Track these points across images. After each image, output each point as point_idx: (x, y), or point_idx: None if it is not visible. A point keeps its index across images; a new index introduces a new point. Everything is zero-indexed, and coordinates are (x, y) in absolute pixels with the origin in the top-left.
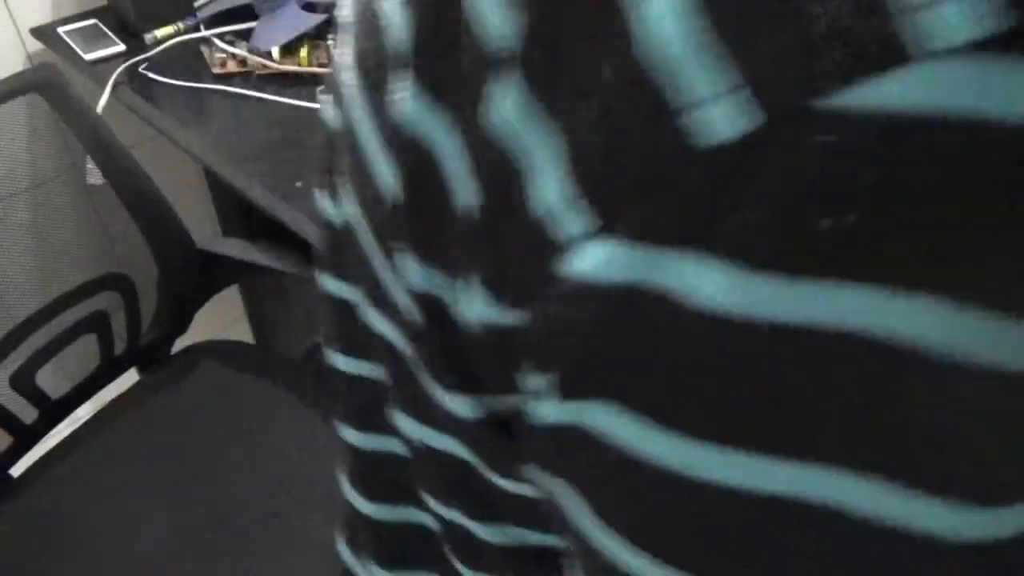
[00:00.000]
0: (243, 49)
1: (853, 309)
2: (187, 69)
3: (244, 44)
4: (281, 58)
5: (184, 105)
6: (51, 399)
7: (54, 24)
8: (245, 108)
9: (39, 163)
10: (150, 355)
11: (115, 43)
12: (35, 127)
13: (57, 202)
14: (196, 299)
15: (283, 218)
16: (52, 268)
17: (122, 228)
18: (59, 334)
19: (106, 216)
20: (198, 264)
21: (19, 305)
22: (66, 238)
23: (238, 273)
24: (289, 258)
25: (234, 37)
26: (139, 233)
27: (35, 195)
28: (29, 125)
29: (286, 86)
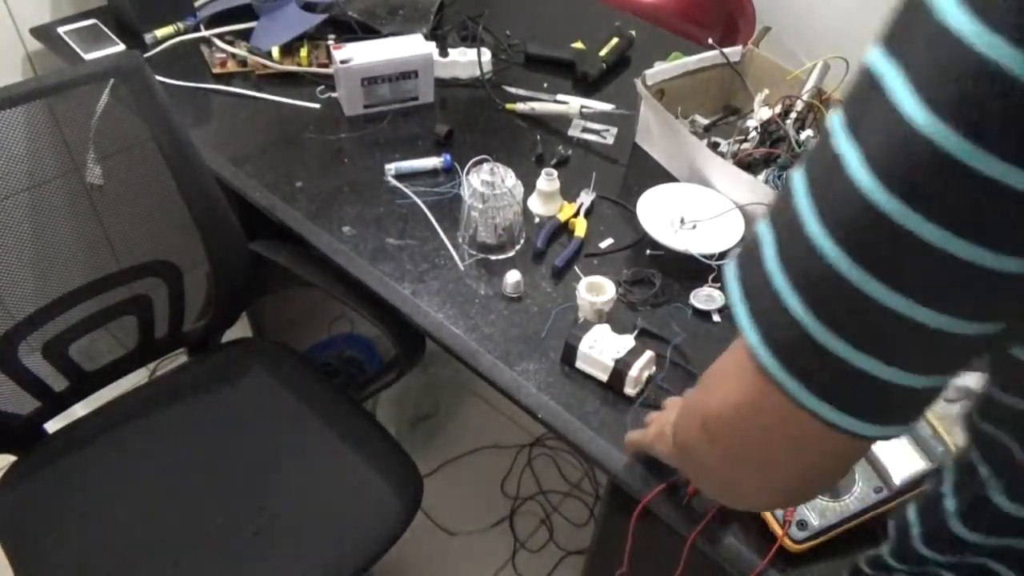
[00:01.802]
0: (243, 49)
1: None
2: (187, 69)
3: (244, 44)
4: (281, 58)
5: (184, 105)
6: (84, 371)
7: (54, 24)
8: (245, 108)
9: (39, 163)
10: (199, 342)
11: (115, 43)
12: (35, 130)
13: (55, 202)
14: (246, 295)
15: (283, 218)
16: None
17: (177, 218)
18: (98, 312)
19: (105, 216)
20: (248, 262)
21: (61, 283)
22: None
23: (291, 278)
24: (324, 275)
25: (234, 37)
26: (192, 224)
27: (35, 194)
28: (28, 129)
29: (286, 86)
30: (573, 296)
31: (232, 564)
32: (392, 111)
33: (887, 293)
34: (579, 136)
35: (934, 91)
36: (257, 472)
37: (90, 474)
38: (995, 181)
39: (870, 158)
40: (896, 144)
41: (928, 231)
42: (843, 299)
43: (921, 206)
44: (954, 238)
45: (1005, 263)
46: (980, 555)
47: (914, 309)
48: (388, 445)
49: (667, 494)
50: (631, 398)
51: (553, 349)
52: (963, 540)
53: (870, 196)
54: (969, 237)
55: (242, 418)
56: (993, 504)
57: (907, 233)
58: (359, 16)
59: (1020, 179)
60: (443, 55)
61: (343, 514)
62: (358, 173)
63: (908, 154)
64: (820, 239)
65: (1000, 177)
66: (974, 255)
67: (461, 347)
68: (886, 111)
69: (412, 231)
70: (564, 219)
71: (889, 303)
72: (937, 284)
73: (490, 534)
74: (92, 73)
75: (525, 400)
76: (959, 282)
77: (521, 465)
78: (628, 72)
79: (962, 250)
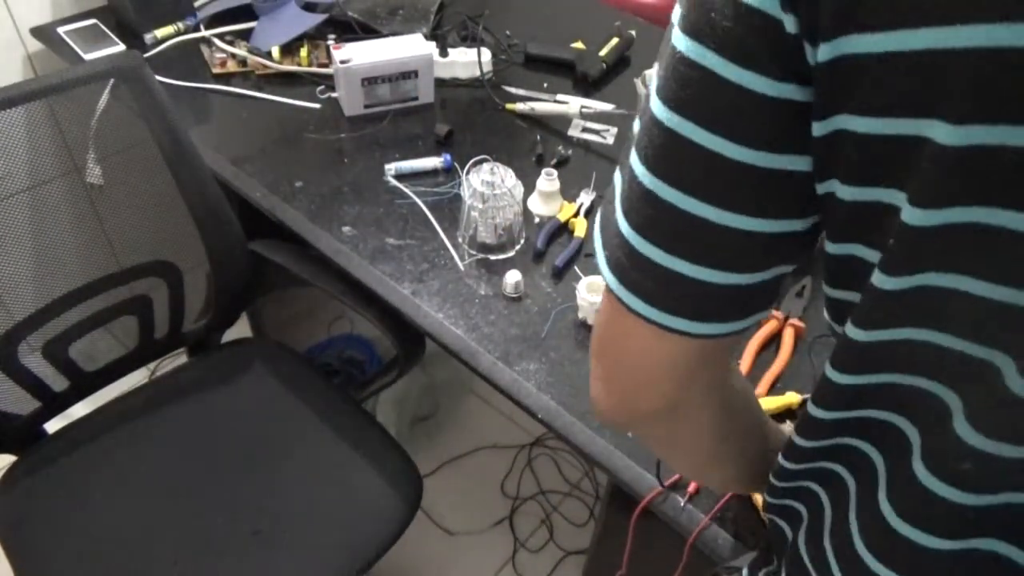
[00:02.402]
0: (243, 49)
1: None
2: (187, 69)
3: (244, 44)
4: (281, 58)
5: (184, 105)
6: (83, 371)
7: (54, 24)
8: (245, 108)
9: (38, 163)
10: (199, 342)
11: (115, 43)
12: (35, 130)
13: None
14: (246, 295)
15: (283, 218)
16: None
17: (177, 218)
18: (98, 312)
19: (105, 216)
20: (248, 262)
21: (61, 283)
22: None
23: (291, 278)
24: (324, 275)
25: (234, 37)
26: (193, 224)
27: (35, 194)
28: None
29: (286, 86)
30: (573, 296)
31: (232, 564)
32: (392, 111)
33: (675, 194)
34: (579, 136)
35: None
36: (257, 472)
37: (90, 474)
38: (744, 88)
39: (659, 88)
40: (671, 72)
41: (711, 140)
42: (648, 208)
43: (694, 116)
44: (716, 137)
45: (767, 160)
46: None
47: (699, 207)
48: (388, 445)
49: (667, 494)
50: None
51: (553, 349)
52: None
53: (658, 115)
54: (725, 135)
55: (242, 418)
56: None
57: (692, 143)
58: (359, 16)
59: (765, 86)
60: (443, 55)
61: (343, 514)
62: (358, 173)
63: (680, 78)
64: (635, 164)
65: (747, 85)
66: (735, 152)
67: (461, 347)
68: (672, 52)
69: (412, 231)
70: (564, 219)
71: (680, 204)
72: (720, 184)
73: (490, 534)
74: (92, 73)
75: (525, 400)
76: (729, 179)
77: (521, 465)
78: (628, 72)
79: (725, 148)
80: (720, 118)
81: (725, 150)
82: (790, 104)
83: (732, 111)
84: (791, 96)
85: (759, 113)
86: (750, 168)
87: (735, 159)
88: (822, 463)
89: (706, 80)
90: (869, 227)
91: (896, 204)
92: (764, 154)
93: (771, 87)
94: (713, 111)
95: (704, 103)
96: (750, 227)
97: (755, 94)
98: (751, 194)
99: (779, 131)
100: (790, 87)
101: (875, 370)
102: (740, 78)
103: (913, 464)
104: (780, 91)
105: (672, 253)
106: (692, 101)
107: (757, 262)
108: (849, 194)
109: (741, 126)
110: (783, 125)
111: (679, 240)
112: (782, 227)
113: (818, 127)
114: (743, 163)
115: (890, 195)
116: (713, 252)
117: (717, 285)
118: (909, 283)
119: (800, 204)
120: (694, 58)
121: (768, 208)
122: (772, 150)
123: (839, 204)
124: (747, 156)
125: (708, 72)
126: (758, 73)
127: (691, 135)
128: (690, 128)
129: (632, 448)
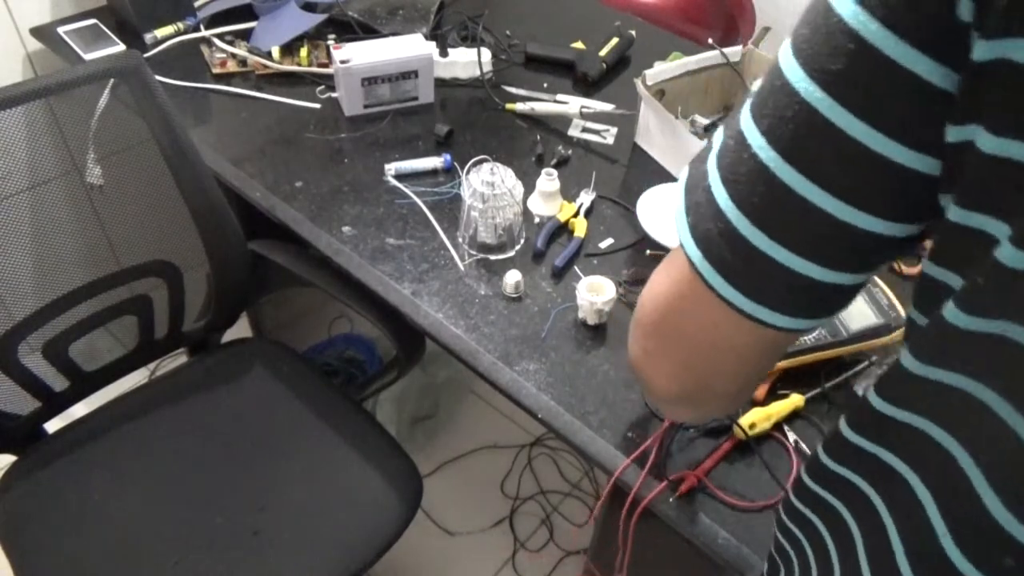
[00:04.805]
0: (243, 49)
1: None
2: (187, 69)
3: (244, 44)
4: (281, 58)
5: (184, 105)
6: (83, 371)
7: (54, 24)
8: (245, 108)
9: (39, 163)
10: (199, 342)
11: (115, 43)
12: (35, 130)
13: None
14: (246, 295)
15: (283, 218)
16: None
17: (177, 218)
18: (98, 312)
19: (105, 216)
20: (248, 262)
21: (61, 283)
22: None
23: (291, 278)
24: (324, 275)
25: (234, 37)
26: (193, 224)
27: (35, 194)
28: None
29: (286, 86)
30: (573, 296)
31: (232, 564)
32: (392, 111)
33: (799, 179)
34: (579, 136)
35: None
36: (257, 472)
37: (90, 474)
38: (915, 74)
39: (800, 49)
40: (821, 37)
41: (853, 126)
42: (760, 185)
43: (840, 95)
44: (863, 125)
45: (909, 157)
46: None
47: (823, 198)
48: (388, 445)
49: (666, 494)
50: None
51: (553, 349)
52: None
53: (794, 82)
54: (874, 123)
55: (242, 418)
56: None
57: (832, 126)
58: (359, 16)
59: (930, 71)
60: (443, 55)
61: (343, 514)
62: (358, 173)
63: (831, 46)
64: (751, 132)
65: (910, 66)
66: (880, 144)
67: (461, 347)
68: (827, 11)
69: (412, 231)
70: (564, 219)
71: (800, 190)
72: (851, 177)
73: (490, 534)
74: (92, 73)
75: (525, 400)
76: (867, 174)
77: (521, 465)
78: (628, 72)
79: (871, 139)
80: (873, 103)
81: (871, 141)
82: (944, 96)
83: (889, 95)
84: (948, 88)
85: (916, 101)
86: (890, 164)
87: (878, 152)
88: (831, 496)
89: (865, 56)
90: (963, 255)
91: (997, 236)
92: (907, 150)
93: (936, 73)
94: (866, 93)
95: (858, 83)
96: (873, 228)
97: (918, 78)
98: (886, 193)
99: (927, 124)
100: (950, 78)
101: (915, 409)
102: (904, 57)
103: (941, 541)
104: (942, 79)
105: (778, 241)
106: (844, 78)
107: (865, 264)
108: (957, 215)
109: (895, 114)
110: (932, 119)
111: (789, 229)
112: (901, 231)
113: (952, 132)
114: (885, 157)
115: (996, 227)
116: (825, 247)
117: (817, 281)
118: (985, 327)
119: (921, 211)
120: (855, 27)
121: (897, 210)
122: (915, 147)
123: (946, 223)
124: (892, 151)
125: (869, 47)
126: (924, 54)
127: (835, 117)
128: (838, 111)
129: (632, 448)
